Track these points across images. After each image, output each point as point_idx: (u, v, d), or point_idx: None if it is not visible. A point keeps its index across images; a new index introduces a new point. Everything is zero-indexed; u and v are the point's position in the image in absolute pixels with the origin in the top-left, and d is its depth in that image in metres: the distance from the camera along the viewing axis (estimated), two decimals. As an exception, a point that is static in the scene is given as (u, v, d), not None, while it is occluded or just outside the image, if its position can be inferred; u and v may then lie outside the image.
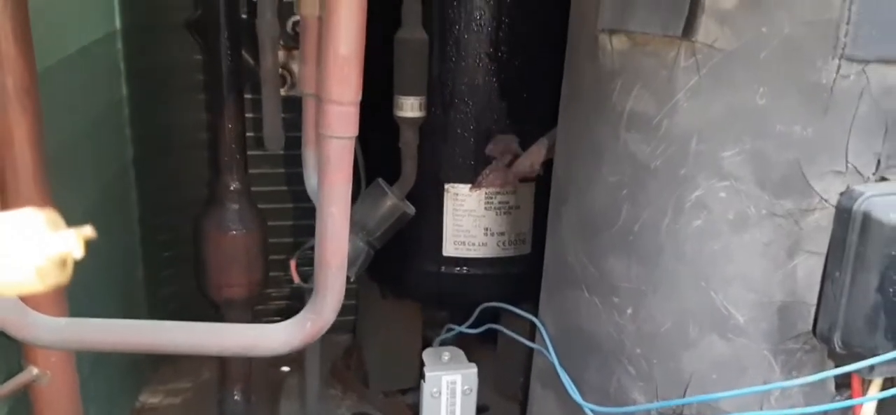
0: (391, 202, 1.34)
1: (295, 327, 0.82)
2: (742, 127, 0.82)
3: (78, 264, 0.97)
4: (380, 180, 1.37)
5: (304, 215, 1.77)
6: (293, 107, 1.44)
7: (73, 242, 0.33)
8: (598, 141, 0.93)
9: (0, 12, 0.79)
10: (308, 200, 1.26)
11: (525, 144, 1.42)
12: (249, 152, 1.46)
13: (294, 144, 1.31)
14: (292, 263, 1.32)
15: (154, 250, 1.64)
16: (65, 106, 1.17)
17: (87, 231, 0.34)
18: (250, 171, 1.47)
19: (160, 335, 0.83)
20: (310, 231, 0.89)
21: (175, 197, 1.61)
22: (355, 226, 1.33)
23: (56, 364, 0.99)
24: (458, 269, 1.49)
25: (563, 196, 1.03)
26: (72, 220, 0.34)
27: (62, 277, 0.33)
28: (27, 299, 0.88)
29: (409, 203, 1.37)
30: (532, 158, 1.38)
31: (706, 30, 0.81)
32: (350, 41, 0.75)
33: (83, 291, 1.07)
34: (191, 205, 1.52)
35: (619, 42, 0.88)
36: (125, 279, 1.54)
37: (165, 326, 0.83)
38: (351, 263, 1.32)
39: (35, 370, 0.96)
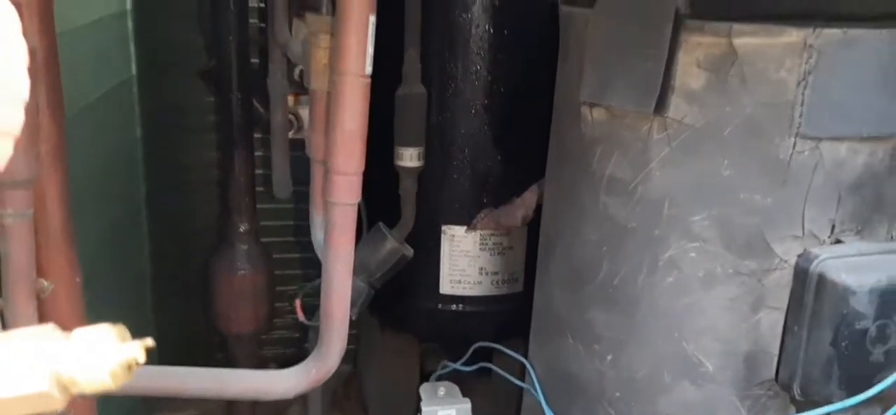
0: (391, 246, 1.42)
1: (301, 373, 0.90)
2: (709, 195, 0.91)
3: (90, 296, 1.05)
4: (381, 225, 1.45)
5: (308, 248, 1.85)
6: (300, 146, 1.53)
7: (137, 350, 0.41)
8: (581, 201, 1.02)
9: (36, 86, 0.88)
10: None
11: (518, 190, 1.50)
12: (257, 188, 1.54)
13: (301, 185, 1.39)
14: (297, 303, 1.40)
15: (164, 283, 1.72)
16: (84, 146, 1.25)
17: (148, 342, 0.42)
18: (258, 205, 1.55)
19: (171, 380, 0.91)
20: (313, 265, 0.96)
21: (185, 232, 1.69)
22: (357, 267, 1.40)
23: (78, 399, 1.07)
24: (455, 306, 1.57)
25: (551, 248, 1.12)
26: (88, 250, 0.41)
27: (129, 377, 0.41)
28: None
29: (407, 246, 1.45)
30: (525, 205, 1.46)
31: (676, 107, 0.90)
32: (354, 119, 0.84)
33: (96, 322, 1.14)
34: (200, 240, 1.60)
35: (598, 114, 0.97)
36: (135, 310, 1.62)
37: (177, 371, 0.91)
38: (353, 303, 1.39)
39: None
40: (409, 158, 1.41)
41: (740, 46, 0.85)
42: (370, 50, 0.84)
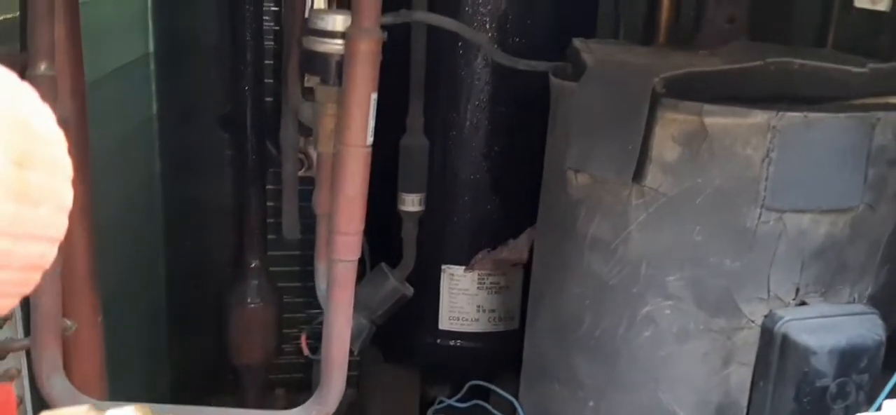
0: (392, 285, 1.50)
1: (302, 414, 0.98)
2: (683, 257, 0.98)
3: (110, 327, 1.14)
4: (383, 265, 1.53)
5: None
6: (310, 182, 1.61)
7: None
8: (567, 257, 1.09)
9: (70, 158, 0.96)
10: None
11: (514, 233, 1.58)
12: (269, 219, 1.63)
13: (310, 218, 1.46)
14: (303, 339, 1.48)
15: (179, 315, 1.81)
16: (109, 186, 1.34)
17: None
18: (270, 236, 1.63)
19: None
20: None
21: (200, 267, 1.77)
22: (359, 305, 1.48)
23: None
24: (453, 341, 1.64)
25: (539, 299, 1.19)
26: (108, 283, 0.48)
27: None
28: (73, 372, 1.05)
29: (408, 285, 1.53)
30: (519, 247, 1.53)
31: (653, 177, 0.97)
32: (356, 185, 0.92)
33: (114, 351, 1.22)
34: (215, 274, 1.68)
35: (582, 179, 1.05)
36: (151, 341, 1.70)
37: (186, 410, 0.99)
38: (355, 338, 1.48)
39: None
40: (411, 203, 1.49)
41: (710, 125, 0.92)
42: (371, 123, 0.92)
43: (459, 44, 1.44)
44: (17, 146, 0.45)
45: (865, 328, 0.96)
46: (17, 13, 1.01)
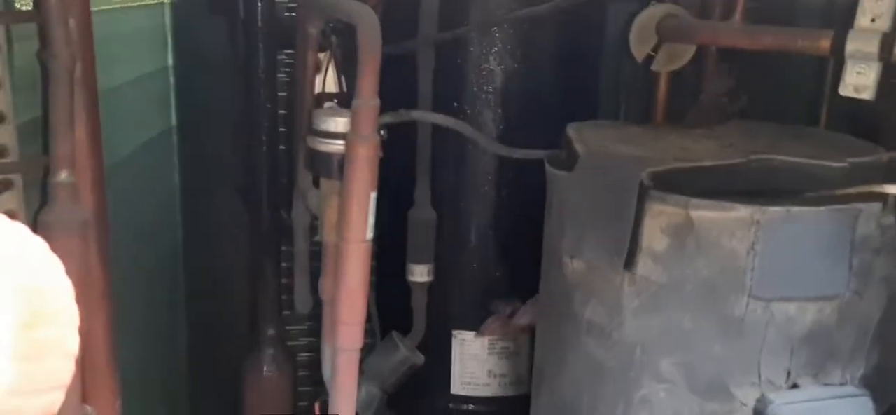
0: (402, 355, 1.54)
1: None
2: (675, 343, 1.01)
3: (132, 397, 1.19)
4: (394, 334, 1.57)
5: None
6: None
7: None
8: (565, 339, 1.12)
9: (88, 247, 1.02)
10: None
11: (522, 299, 1.61)
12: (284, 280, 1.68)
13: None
14: (317, 407, 1.52)
15: (198, 385, 1.86)
16: (133, 261, 1.40)
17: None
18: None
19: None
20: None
21: (219, 336, 1.83)
22: (370, 374, 1.53)
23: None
24: (465, 406, 1.67)
25: (540, 377, 1.22)
26: (131, 356, 0.50)
27: None
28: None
29: (418, 353, 1.57)
30: (527, 314, 1.56)
31: (643, 265, 1.01)
32: (356, 278, 0.97)
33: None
34: (233, 344, 1.74)
35: (578, 264, 1.08)
36: (170, 406, 1.76)
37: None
38: (366, 408, 1.52)
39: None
40: (419, 273, 1.54)
41: (697, 218, 0.96)
42: (371, 219, 0.97)
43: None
44: (27, 310, 0.49)
45: (857, 411, 0.98)
46: (40, 113, 1.08)
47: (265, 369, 1.64)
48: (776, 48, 1.07)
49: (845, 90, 1.04)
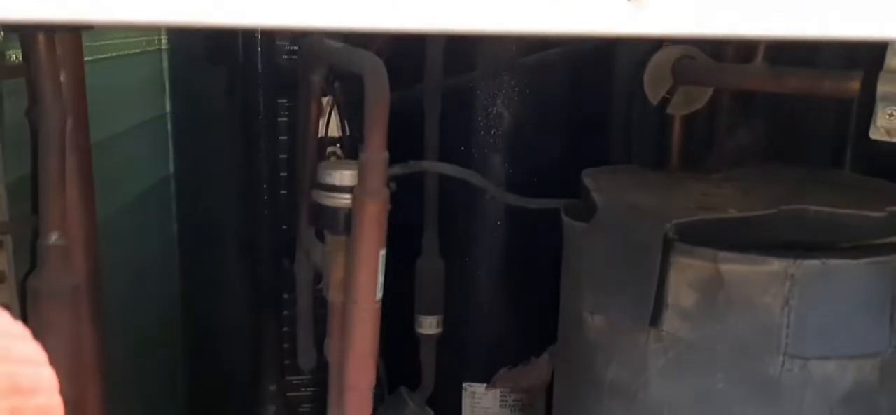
0: (412, 411, 1.47)
1: None
2: (705, 406, 0.95)
3: None
4: (402, 390, 1.50)
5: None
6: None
7: None
8: (586, 403, 1.06)
9: (79, 312, 0.97)
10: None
11: (536, 351, 1.55)
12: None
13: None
14: (322, 470, 1.45)
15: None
16: (131, 313, 1.35)
17: None
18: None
19: None
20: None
21: (220, 393, 1.76)
22: (379, 435, 1.46)
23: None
24: (478, 463, 1.60)
25: (560, 443, 1.16)
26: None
27: None
28: None
29: (429, 409, 1.50)
30: (540, 368, 1.50)
31: (670, 322, 0.95)
32: (365, 341, 0.91)
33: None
34: (234, 401, 1.67)
35: (599, 321, 1.02)
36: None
37: None
38: (376, 469, 1.45)
39: None
40: (428, 325, 1.47)
41: (726, 272, 0.90)
42: (381, 279, 0.91)
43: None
44: (9, 409, 0.44)
45: (902, 477, 0.92)
46: (29, 170, 1.03)
47: (267, 427, 1.57)
48: (802, 91, 1.02)
49: (876, 134, 0.99)
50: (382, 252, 0.91)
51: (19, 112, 1.02)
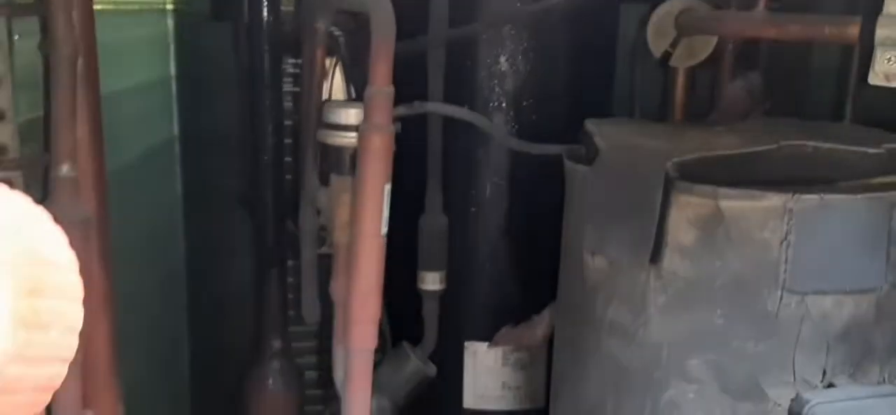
0: (414, 366, 1.49)
1: None
2: (704, 341, 0.96)
3: (131, 409, 1.14)
4: (405, 344, 1.52)
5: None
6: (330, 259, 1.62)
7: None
8: (586, 342, 1.08)
9: (89, 248, 0.98)
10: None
11: (537, 308, 1.56)
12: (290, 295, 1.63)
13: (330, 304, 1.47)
14: (325, 423, 1.47)
15: (203, 402, 1.81)
16: (135, 272, 1.36)
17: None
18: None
19: None
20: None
21: (223, 351, 1.78)
22: (381, 387, 1.48)
23: None
24: (479, 421, 1.62)
25: (560, 384, 1.17)
26: (133, 372, 0.47)
27: None
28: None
29: (431, 364, 1.52)
30: (543, 323, 1.52)
31: (670, 260, 0.96)
32: (370, 274, 0.92)
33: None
34: (238, 358, 1.68)
35: (599, 261, 1.04)
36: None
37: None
38: (378, 422, 1.47)
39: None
40: (431, 281, 1.49)
41: (726, 208, 0.92)
42: (386, 212, 0.93)
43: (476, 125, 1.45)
44: (29, 277, 0.46)
45: (897, 411, 0.94)
46: (41, 113, 1.04)
47: (270, 383, 1.58)
48: (803, 37, 1.03)
49: (875, 79, 1.00)
50: (387, 187, 0.93)
51: (31, 54, 1.03)
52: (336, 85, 1.48)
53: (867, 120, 1.24)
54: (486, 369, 1.59)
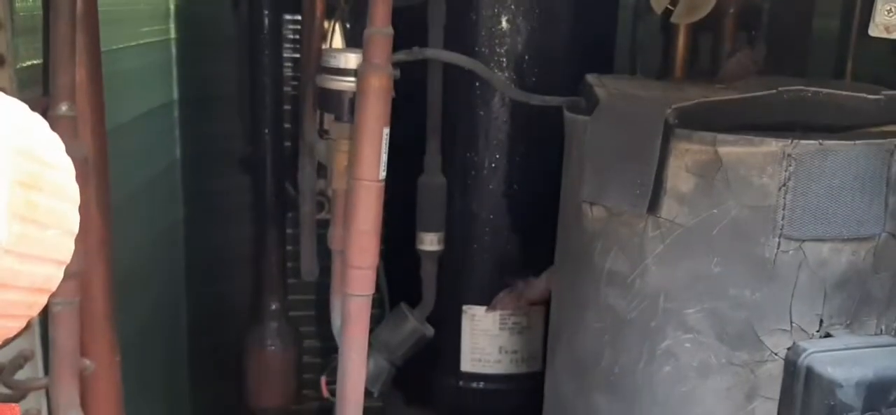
0: (411, 326, 1.49)
1: (319, 452, 0.97)
2: (701, 289, 0.96)
3: (132, 372, 1.14)
4: (403, 305, 1.52)
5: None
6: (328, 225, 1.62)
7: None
8: (584, 292, 1.08)
9: (86, 186, 0.98)
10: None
11: (535, 272, 1.56)
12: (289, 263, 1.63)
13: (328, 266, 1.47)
14: (323, 381, 1.47)
15: (200, 360, 1.81)
16: (133, 230, 1.36)
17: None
18: (290, 281, 1.64)
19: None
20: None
21: (221, 311, 1.79)
22: (379, 346, 1.48)
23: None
24: (475, 383, 1.62)
25: (558, 335, 1.18)
26: (131, 329, 0.47)
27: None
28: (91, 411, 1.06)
29: (428, 325, 1.52)
30: (540, 287, 1.52)
31: (668, 208, 0.96)
32: (368, 220, 0.92)
33: (135, 393, 1.22)
34: (235, 318, 1.69)
35: (598, 211, 1.04)
36: (173, 385, 1.71)
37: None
38: (375, 380, 1.47)
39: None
40: (429, 242, 1.49)
41: (725, 154, 0.91)
42: (384, 157, 0.93)
43: (476, 83, 1.45)
44: (24, 169, 0.46)
45: (894, 360, 0.93)
46: (41, 60, 1.04)
47: (268, 342, 1.59)
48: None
49: (875, 31, 1.01)
50: (386, 131, 0.92)
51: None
52: (335, 43, 1.48)
53: (867, 81, 1.24)
54: (483, 333, 1.60)
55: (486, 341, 1.60)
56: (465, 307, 1.59)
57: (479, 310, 1.59)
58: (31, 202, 0.46)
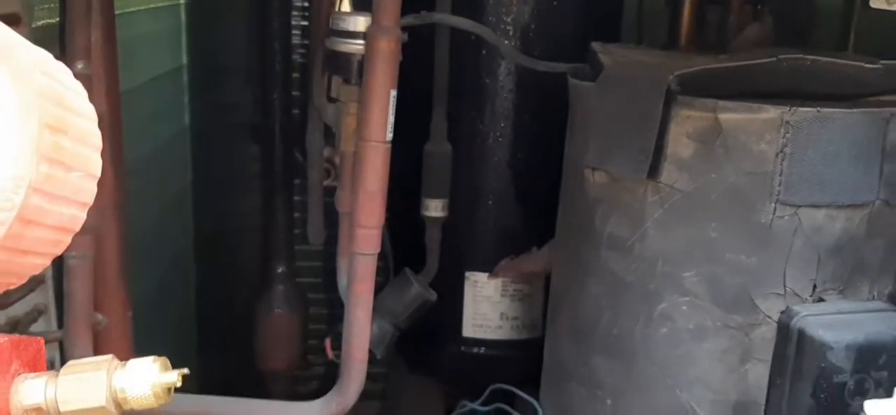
0: (415, 291, 1.52)
1: (323, 405, 1.01)
2: (698, 253, 0.99)
3: (142, 335, 1.18)
4: (407, 270, 1.55)
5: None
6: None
7: (175, 377, 0.53)
8: (585, 257, 1.10)
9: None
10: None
11: (538, 241, 1.59)
12: (296, 231, 1.66)
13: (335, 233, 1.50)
14: (327, 342, 1.50)
15: (209, 324, 1.85)
16: (144, 194, 1.39)
17: (184, 371, 0.53)
18: (298, 247, 1.67)
19: (203, 406, 1.02)
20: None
21: (230, 275, 1.82)
22: (383, 310, 1.51)
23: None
24: (477, 349, 1.65)
25: (558, 300, 1.20)
26: (141, 293, 0.49)
27: (169, 399, 0.53)
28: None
29: (431, 291, 1.55)
30: (543, 256, 1.54)
31: (668, 173, 0.99)
32: (375, 180, 0.95)
33: (146, 352, 1.26)
34: (243, 282, 1.72)
35: (600, 177, 1.06)
36: (182, 349, 1.74)
37: (209, 399, 1.02)
38: (378, 343, 1.50)
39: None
40: (434, 208, 1.52)
41: (724, 121, 0.94)
42: (391, 119, 0.95)
43: (483, 51, 1.46)
44: (52, 113, 0.48)
45: (885, 325, 0.96)
46: (57, 19, 1.06)
47: (275, 307, 1.62)
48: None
49: (877, 2, 1.02)
50: (393, 93, 0.95)
51: (46, -42, 1.05)
52: (344, 6, 1.50)
53: (870, 53, 1.25)
54: (485, 299, 1.63)
55: (487, 307, 1.63)
56: (467, 274, 1.62)
57: (481, 276, 1.61)
58: (57, 145, 0.49)
